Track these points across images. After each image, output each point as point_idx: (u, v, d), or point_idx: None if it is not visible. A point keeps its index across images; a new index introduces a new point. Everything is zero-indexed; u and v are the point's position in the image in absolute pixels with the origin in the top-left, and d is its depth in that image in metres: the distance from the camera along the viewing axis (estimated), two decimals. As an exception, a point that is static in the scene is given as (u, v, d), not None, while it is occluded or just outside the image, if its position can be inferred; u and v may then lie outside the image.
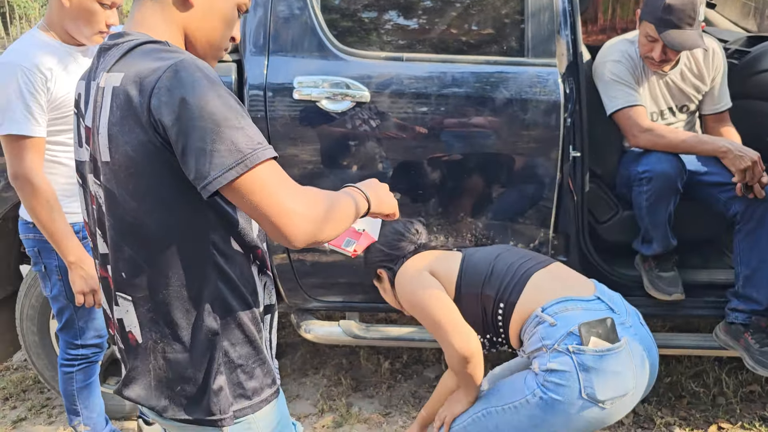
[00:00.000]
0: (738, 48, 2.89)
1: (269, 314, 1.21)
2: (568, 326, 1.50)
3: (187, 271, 1.07)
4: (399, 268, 1.79)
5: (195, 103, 0.95)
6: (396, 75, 2.16)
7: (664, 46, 2.22)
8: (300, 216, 0.99)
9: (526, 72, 2.14)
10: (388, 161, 2.19)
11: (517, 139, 2.15)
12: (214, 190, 0.96)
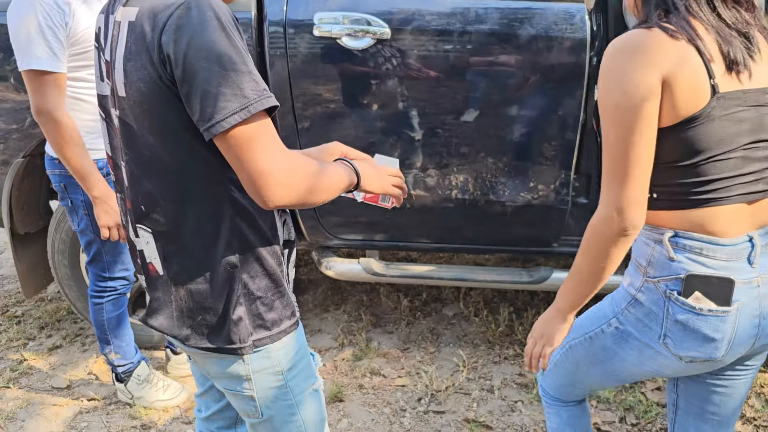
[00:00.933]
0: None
1: (288, 249, 1.25)
2: (680, 271, 1.17)
3: (204, 206, 1.09)
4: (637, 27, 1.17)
5: (203, 43, 0.95)
6: (417, 11, 2.11)
7: None
8: (276, 181, 1.00)
9: (552, 8, 2.07)
10: (410, 100, 2.17)
11: (542, 78, 2.10)
12: (217, 133, 0.97)
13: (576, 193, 2.27)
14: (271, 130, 1.02)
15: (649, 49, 1.08)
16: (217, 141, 1.00)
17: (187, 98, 0.98)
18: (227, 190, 1.09)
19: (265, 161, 0.99)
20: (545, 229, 2.30)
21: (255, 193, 1.01)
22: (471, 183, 2.24)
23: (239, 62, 0.97)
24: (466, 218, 2.32)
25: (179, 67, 0.96)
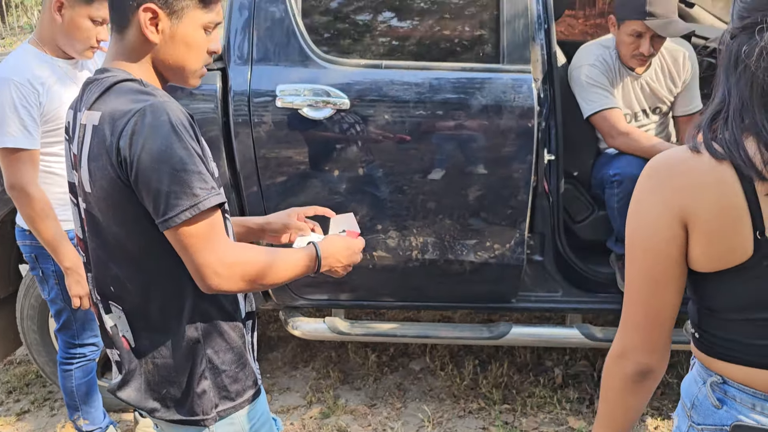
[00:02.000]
0: (716, 47, 2.94)
1: (251, 320, 1.33)
2: (725, 420, 1.01)
3: (168, 288, 1.19)
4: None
5: (156, 147, 1.05)
6: (375, 82, 2.23)
7: (652, 39, 2.28)
8: (216, 273, 1.10)
9: (502, 78, 2.20)
10: (370, 166, 2.26)
11: (493, 144, 2.21)
12: (169, 227, 1.07)
13: (531, 251, 2.37)
14: (217, 224, 1.11)
15: (679, 182, 0.91)
16: (168, 234, 1.09)
17: (142, 196, 1.08)
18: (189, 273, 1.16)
19: (208, 255, 1.09)
20: (503, 286, 2.39)
21: (197, 281, 1.12)
22: (431, 243, 2.33)
23: (189, 163, 1.07)
24: (428, 277, 2.40)
25: (134, 169, 1.06)
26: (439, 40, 2.37)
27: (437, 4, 2.38)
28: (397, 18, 2.41)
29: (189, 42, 1.17)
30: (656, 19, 2.23)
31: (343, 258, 1.31)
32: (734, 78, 0.90)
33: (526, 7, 2.20)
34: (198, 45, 1.18)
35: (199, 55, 1.20)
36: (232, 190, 2.32)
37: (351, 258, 1.33)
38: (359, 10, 2.40)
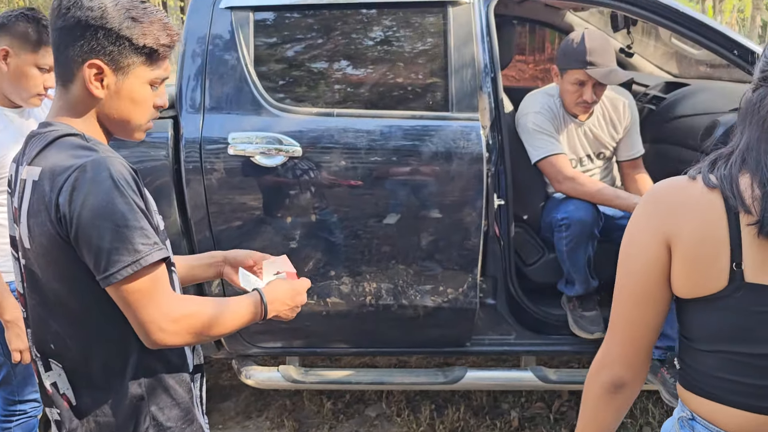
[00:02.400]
0: (656, 94, 3.08)
1: (199, 373, 1.30)
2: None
3: (110, 344, 1.16)
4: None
5: (96, 203, 1.03)
6: (327, 129, 2.26)
7: (594, 86, 2.37)
8: (161, 329, 1.08)
9: (451, 126, 2.26)
10: (323, 212, 2.27)
11: (444, 190, 2.25)
12: (110, 284, 1.05)
13: (484, 295, 2.39)
14: (161, 279, 1.10)
15: (669, 203, 0.96)
16: (110, 290, 1.07)
17: (82, 253, 1.06)
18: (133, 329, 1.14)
19: (152, 311, 1.07)
20: (457, 330, 2.40)
21: (142, 338, 1.10)
22: (385, 288, 2.33)
23: (131, 218, 1.06)
24: (382, 322, 2.40)
25: (74, 226, 1.04)
26: (390, 88, 2.42)
27: (388, 54, 2.43)
28: (349, 67, 2.46)
29: (135, 97, 1.17)
30: (597, 68, 2.33)
31: (289, 300, 1.30)
32: (747, 124, 0.94)
33: (473, 57, 2.27)
34: (144, 100, 1.18)
35: (145, 110, 1.19)
36: (183, 237, 2.29)
37: (296, 300, 1.32)
38: (311, 59, 2.44)
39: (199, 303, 1.17)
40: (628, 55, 3.34)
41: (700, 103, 2.72)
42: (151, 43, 1.13)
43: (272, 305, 1.25)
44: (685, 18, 2.29)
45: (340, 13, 2.39)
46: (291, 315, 1.32)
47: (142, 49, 1.13)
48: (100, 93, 1.13)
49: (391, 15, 2.41)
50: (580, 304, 2.41)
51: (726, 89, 2.86)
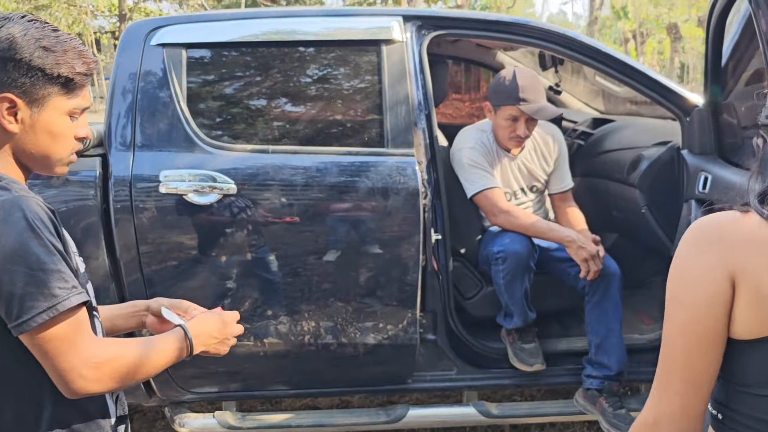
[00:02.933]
0: (584, 130, 3.20)
1: (123, 425, 1.23)
2: None
3: (22, 395, 1.08)
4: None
5: (8, 245, 0.98)
6: (263, 167, 2.23)
7: (527, 121, 2.44)
8: (82, 376, 1.02)
9: (387, 162, 2.27)
10: (259, 251, 2.23)
11: (382, 225, 2.25)
12: (24, 332, 0.98)
13: (424, 330, 2.38)
14: (81, 324, 1.04)
15: (729, 239, 0.88)
16: (24, 338, 1.00)
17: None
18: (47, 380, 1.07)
19: (71, 358, 1.01)
20: (398, 367, 2.37)
21: (61, 387, 1.03)
22: (324, 327, 2.29)
23: (47, 261, 1.00)
24: (322, 362, 2.34)
25: None
26: (326, 125, 2.43)
27: (324, 91, 2.44)
28: (285, 104, 2.46)
29: (53, 130, 1.11)
30: (529, 104, 2.40)
31: (217, 333, 1.25)
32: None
33: (407, 94, 2.30)
34: (63, 133, 1.12)
35: (65, 143, 1.14)
36: (112, 279, 2.20)
37: (225, 332, 1.27)
38: (246, 96, 2.43)
39: (121, 345, 1.11)
40: (556, 92, 3.47)
41: (625, 138, 2.84)
42: (66, 72, 1.08)
43: (198, 339, 1.20)
44: (608, 57, 2.40)
45: (275, 50, 2.39)
46: (222, 349, 1.27)
47: (57, 78, 1.08)
48: (15, 128, 1.08)
49: (326, 53, 2.43)
50: (519, 336, 2.43)
51: (648, 125, 3.00)
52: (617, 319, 2.36)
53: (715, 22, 2.06)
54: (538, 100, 2.43)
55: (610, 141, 2.91)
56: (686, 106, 2.32)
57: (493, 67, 3.70)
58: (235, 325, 1.30)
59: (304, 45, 2.41)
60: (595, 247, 2.33)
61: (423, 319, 2.37)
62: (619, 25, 20.21)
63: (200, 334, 1.21)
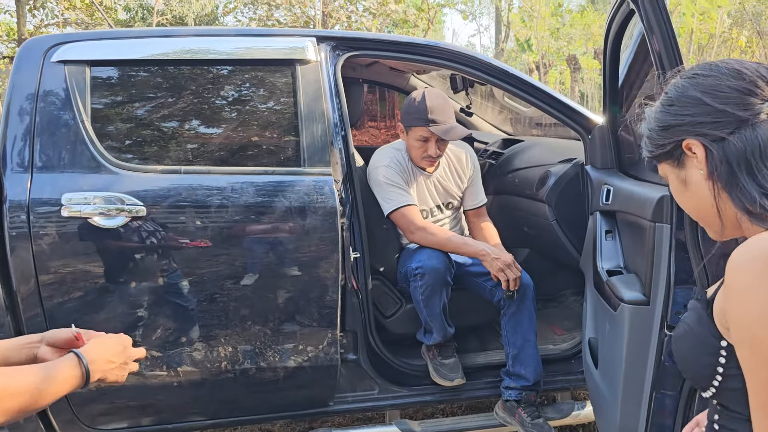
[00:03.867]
0: (495, 150, 3.31)
1: None
2: None
3: None
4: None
5: None
6: (174, 188, 2.16)
7: (437, 141, 2.48)
8: None
9: (303, 181, 2.25)
10: (171, 276, 2.14)
11: (299, 245, 2.21)
12: None
13: (344, 351, 2.35)
14: None
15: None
16: None
17: None
18: None
19: None
20: (319, 389, 2.33)
21: None
22: (241, 352, 2.22)
23: None
24: (240, 388, 2.27)
25: None
26: (241, 145, 2.38)
27: (238, 110, 2.40)
28: (198, 123, 2.39)
29: None
30: (438, 125, 2.46)
31: (115, 357, 1.18)
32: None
33: (323, 113, 2.30)
34: None
35: None
36: (8, 312, 2.04)
37: (125, 355, 1.20)
38: (156, 115, 2.35)
39: (8, 375, 1.02)
40: (468, 114, 3.58)
41: (534, 157, 2.96)
42: None
43: (95, 365, 1.13)
44: (517, 79, 2.50)
45: (187, 69, 2.34)
46: (122, 374, 1.20)
47: None
48: None
49: (241, 72, 2.40)
50: (439, 352, 2.45)
51: (554, 144, 3.14)
52: (532, 331, 2.42)
53: (611, 44, 2.20)
54: (447, 121, 2.49)
55: (519, 160, 3.03)
56: (588, 125, 2.45)
57: (406, 90, 3.77)
58: (134, 348, 1.23)
59: (218, 64, 2.36)
60: (509, 255, 2.39)
61: (343, 339, 2.34)
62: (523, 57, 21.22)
63: (96, 359, 1.14)
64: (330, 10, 12.99)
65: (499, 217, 2.92)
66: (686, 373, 1.00)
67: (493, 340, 2.78)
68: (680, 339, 0.99)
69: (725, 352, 0.90)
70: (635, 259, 1.99)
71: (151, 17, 13.86)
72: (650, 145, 1.04)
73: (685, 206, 1.05)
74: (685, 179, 1.01)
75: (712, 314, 0.92)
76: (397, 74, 3.68)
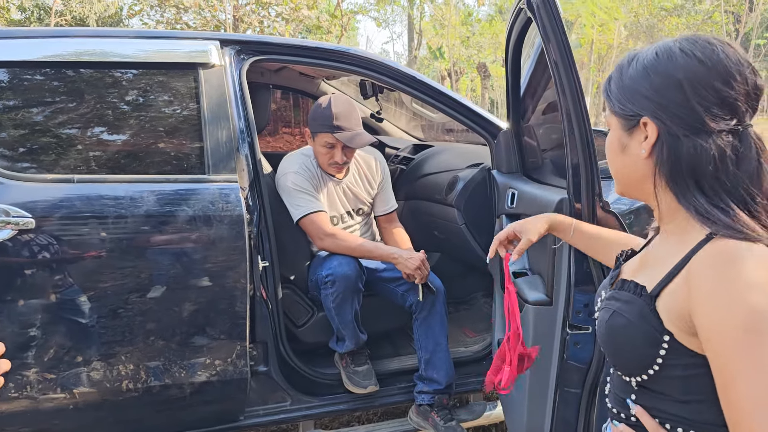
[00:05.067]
0: (405, 155, 3.33)
1: None
2: None
3: None
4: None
5: None
6: (67, 198, 2.03)
7: (343, 148, 2.46)
8: None
9: (208, 189, 2.17)
10: (64, 292, 2.01)
11: (205, 255, 2.13)
12: None
13: (255, 363, 2.29)
14: None
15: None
16: None
17: None
18: None
19: None
20: (229, 404, 2.25)
21: None
22: (144, 369, 2.11)
23: None
24: (144, 407, 2.15)
25: None
26: (140, 152, 2.27)
27: (137, 116, 2.29)
28: (93, 130, 2.26)
29: None
30: (343, 132, 2.44)
31: None
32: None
33: (228, 119, 2.23)
34: None
35: None
36: None
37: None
38: (47, 121, 2.20)
39: None
40: (378, 120, 3.59)
41: (443, 162, 3.00)
42: None
43: None
44: (424, 85, 2.52)
45: (83, 72, 2.21)
46: None
47: None
48: None
49: (141, 76, 2.29)
50: (352, 360, 2.43)
51: (463, 149, 3.20)
52: (444, 334, 2.45)
53: (512, 51, 2.26)
54: (352, 128, 2.48)
55: (429, 165, 3.06)
56: (494, 130, 2.51)
57: (316, 96, 3.74)
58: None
59: (117, 67, 2.24)
60: (421, 254, 2.41)
61: (253, 351, 2.28)
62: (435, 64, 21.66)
63: None
64: (241, 15, 12.75)
65: (410, 221, 2.94)
66: (617, 360, 1.02)
67: (405, 345, 2.79)
68: (617, 330, 1.00)
69: (667, 345, 0.93)
70: (539, 260, 2.05)
71: (48, 18, 13.13)
72: (612, 95, 1.01)
73: (613, 165, 1.05)
74: (627, 146, 1.00)
75: (655, 309, 0.94)
76: (307, 80, 3.65)
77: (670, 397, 0.96)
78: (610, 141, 1.04)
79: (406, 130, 3.91)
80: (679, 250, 0.95)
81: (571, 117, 1.72)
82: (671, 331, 0.92)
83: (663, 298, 0.94)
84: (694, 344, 0.91)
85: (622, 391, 1.05)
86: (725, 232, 0.88)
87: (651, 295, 0.96)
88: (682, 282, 0.91)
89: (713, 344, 0.86)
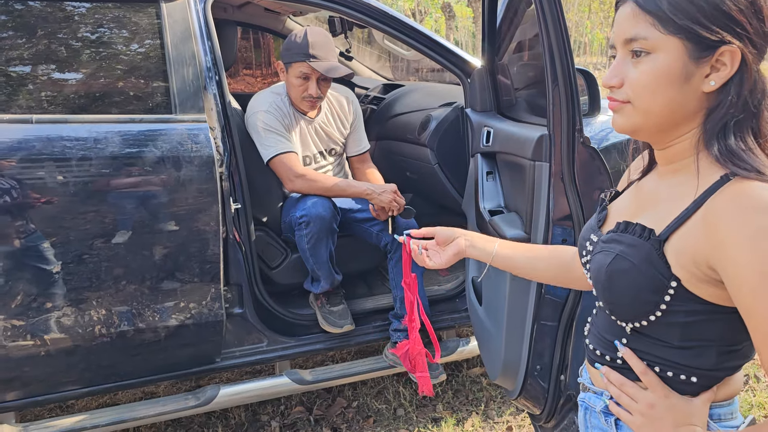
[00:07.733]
0: (376, 95, 3.27)
1: None
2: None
3: None
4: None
5: None
6: (25, 140, 1.93)
7: (318, 80, 2.39)
8: None
9: (176, 129, 2.09)
10: (27, 238, 1.93)
11: (175, 198, 2.07)
12: None
13: (229, 305, 2.27)
14: None
15: None
16: None
17: None
18: None
19: None
20: (205, 346, 2.24)
21: None
22: (116, 313, 2.07)
23: None
24: (118, 352, 2.13)
25: None
26: (102, 90, 2.16)
27: (98, 53, 2.17)
28: (51, 68, 2.13)
29: None
30: (320, 62, 2.37)
31: None
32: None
33: (193, 56, 2.14)
34: None
35: None
36: None
37: None
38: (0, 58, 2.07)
39: None
40: (347, 58, 3.50)
41: (414, 102, 2.95)
42: None
43: None
44: (396, 21, 2.44)
45: (36, 4, 2.06)
46: None
47: None
48: None
49: (99, 9, 2.15)
50: (327, 300, 2.43)
51: (435, 89, 3.16)
52: (418, 273, 2.46)
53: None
54: (328, 59, 2.41)
55: (400, 105, 3.01)
56: (467, 68, 2.46)
57: (282, 34, 3.61)
58: None
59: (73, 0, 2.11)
60: (392, 186, 2.39)
61: (228, 294, 2.26)
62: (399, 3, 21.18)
63: None
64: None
65: (382, 162, 2.90)
66: (616, 307, 0.96)
67: (380, 284, 2.80)
68: (619, 275, 0.93)
69: (673, 291, 0.88)
70: (516, 198, 2.05)
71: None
72: (680, 10, 0.84)
73: (655, 98, 0.88)
74: (691, 77, 0.86)
75: (663, 254, 0.89)
76: (273, 16, 3.51)
77: (667, 343, 0.93)
78: (658, 69, 0.86)
79: (375, 69, 3.82)
80: (687, 191, 0.88)
81: (554, 50, 1.69)
82: (679, 277, 0.88)
83: (672, 242, 0.88)
84: (704, 291, 0.87)
85: (611, 334, 1.00)
86: (747, 174, 0.82)
87: (659, 239, 0.89)
88: (698, 225, 0.85)
89: (745, 291, 0.81)
